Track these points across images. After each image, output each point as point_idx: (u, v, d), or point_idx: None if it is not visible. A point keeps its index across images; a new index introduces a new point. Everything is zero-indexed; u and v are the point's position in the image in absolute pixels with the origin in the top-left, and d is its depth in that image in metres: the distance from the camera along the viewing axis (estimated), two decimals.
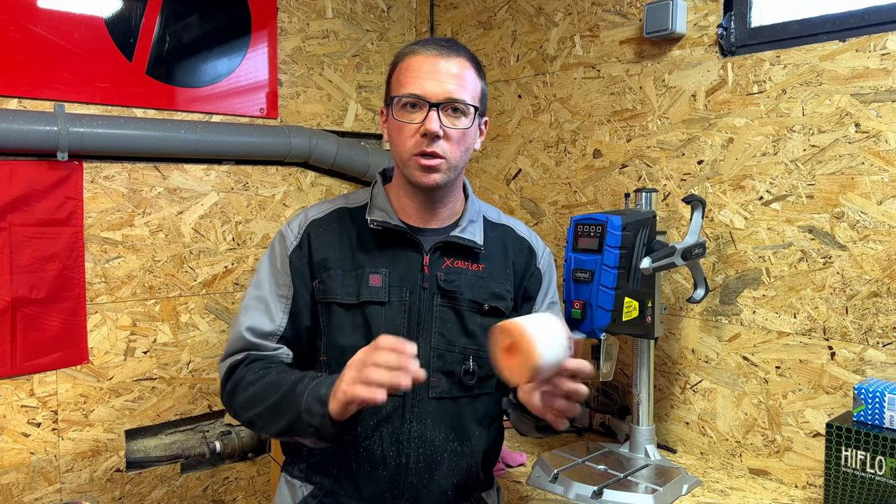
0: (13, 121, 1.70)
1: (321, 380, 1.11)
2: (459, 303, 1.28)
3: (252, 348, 1.26)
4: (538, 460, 1.67)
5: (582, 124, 2.04)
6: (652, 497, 1.47)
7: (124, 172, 1.95)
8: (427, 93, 1.19)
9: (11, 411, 1.80)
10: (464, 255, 1.30)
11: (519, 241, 1.39)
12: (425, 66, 1.21)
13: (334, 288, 1.26)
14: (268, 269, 1.30)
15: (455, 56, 1.23)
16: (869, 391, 1.35)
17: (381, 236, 1.28)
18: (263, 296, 1.28)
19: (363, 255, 1.27)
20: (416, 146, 1.20)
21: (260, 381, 1.19)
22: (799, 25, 1.58)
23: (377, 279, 1.25)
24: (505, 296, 1.33)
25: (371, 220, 1.27)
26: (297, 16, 2.28)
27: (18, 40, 1.77)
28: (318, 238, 1.29)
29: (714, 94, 1.72)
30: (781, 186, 1.61)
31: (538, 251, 1.41)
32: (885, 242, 1.45)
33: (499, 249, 1.35)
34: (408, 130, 1.21)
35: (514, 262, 1.37)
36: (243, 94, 2.17)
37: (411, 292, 1.26)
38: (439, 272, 1.27)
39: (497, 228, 1.38)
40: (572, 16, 2.06)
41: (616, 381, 1.90)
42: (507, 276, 1.34)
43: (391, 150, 1.27)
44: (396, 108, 1.22)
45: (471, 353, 1.28)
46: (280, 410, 1.13)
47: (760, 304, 1.65)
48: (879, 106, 1.45)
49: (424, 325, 1.26)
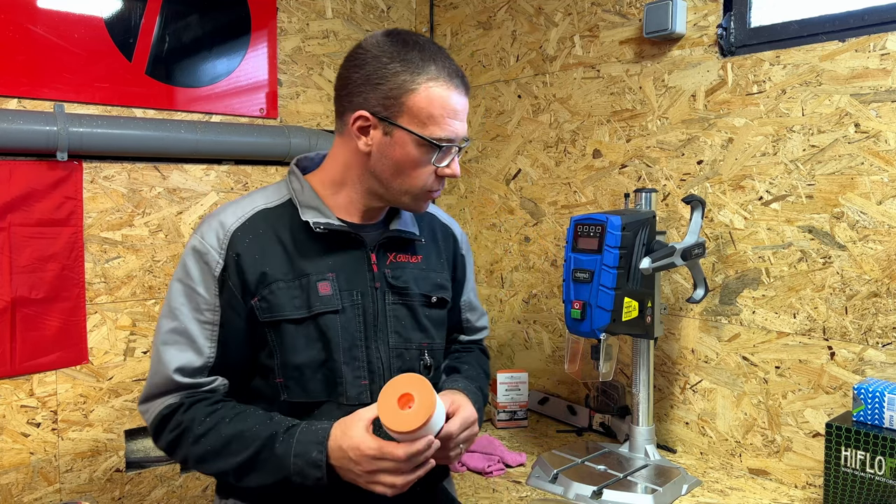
0: (13, 121, 1.70)
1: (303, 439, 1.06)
2: (410, 298, 1.25)
3: (184, 389, 1.14)
4: (538, 460, 1.67)
5: (582, 124, 2.04)
6: (651, 497, 1.47)
7: (124, 172, 1.95)
8: (459, 137, 1.16)
9: (11, 411, 1.79)
10: (404, 249, 1.27)
11: (444, 229, 1.38)
12: (459, 106, 1.15)
13: (280, 304, 1.15)
14: (183, 294, 1.16)
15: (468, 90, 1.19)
16: (869, 391, 1.35)
17: (320, 238, 1.18)
18: (183, 327, 1.15)
19: (304, 262, 1.17)
20: (433, 184, 1.18)
21: (214, 432, 1.10)
22: (799, 25, 1.58)
23: (326, 287, 1.16)
24: (446, 285, 1.32)
25: (314, 223, 1.17)
26: (296, 16, 2.28)
27: (18, 40, 1.77)
28: (248, 250, 1.15)
29: (714, 95, 1.72)
30: (781, 186, 1.61)
31: (459, 237, 1.41)
32: (885, 242, 1.45)
33: (430, 238, 1.33)
34: (426, 168, 1.16)
35: (444, 250, 1.35)
36: (243, 94, 2.17)
37: (363, 294, 1.20)
38: (386, 269, 1.23)
39: (424, 217, 1.34)
40: (572, 16, 2.06)
41: (616, 381, 1.90)
42: (442, 265, 1.33)
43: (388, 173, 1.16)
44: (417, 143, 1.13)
45: (425, 348, 1.27)
46: (258, 468, 1.08)
47: (760, 304, 1.65)
48: (879, 106, 1.45)
49: (380, 327, 1.22)
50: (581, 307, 1.51)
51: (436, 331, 1.29)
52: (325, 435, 1.06)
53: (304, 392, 1.17)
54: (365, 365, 1.19)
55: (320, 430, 1.07)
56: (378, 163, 1.16)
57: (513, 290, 2.27)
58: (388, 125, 1.14)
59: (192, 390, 1.15)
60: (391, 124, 1.13)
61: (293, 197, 1.21)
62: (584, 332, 1.53)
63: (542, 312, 2.18)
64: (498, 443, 1.78)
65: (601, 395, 1.94)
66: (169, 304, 1.17)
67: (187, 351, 1.14)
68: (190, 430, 1.11)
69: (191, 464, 1.14)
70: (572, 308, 1.52)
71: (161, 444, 1.16)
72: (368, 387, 1.18)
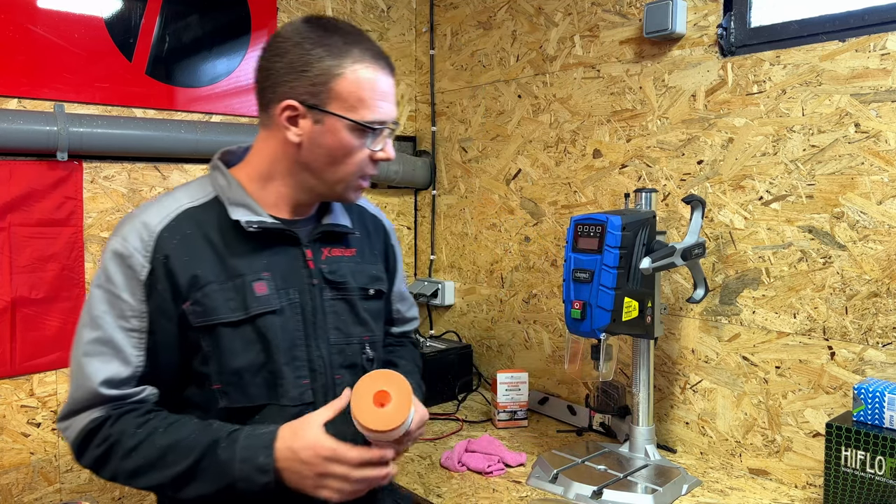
0: (13, 121, 1.70)
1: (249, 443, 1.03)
2: (349, 292, 1.23)
3: (111, 401, 1.08)
4: (538, 460, 1.67)
5: (582, 124, 2.04)
6: (651, 497, 1.47)
7: (124, 172, 1.95)
8: (391, 119, 1.15)
9: (11, 411, 1.79)
10: (337, 243, 1.24)
11: (375, 220, 1.36)
12: (384, 85, 1.13)
13: (215, 307, 1.09)
14: (106, 301, 1.08)
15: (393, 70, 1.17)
16: (869, 391, 1.35)
17: (252, 237, 1.13)
18: (107, 336, 1.07)
19: (237, 262, 1.12)
20: (366, 171, 1.16)
21: (147, 443, 1.04)
22: (799, 25, 1.58)
23: (263, 287, 1.12)
24: (381, 276, 1.31)
25: (246, 222, 1.12)
26: (296, 16, 2.28)
27: (18, 40, 1.77)
28: (177, 252, 1.09)
29: (714, 94, 1.72)
30: (781, 186, 1.61)
31: (389, 228, 1.40)
32: (885, 242, 1.45)
33: (362, 231, 1.31)
34: (363, 154, 1.14)
35: (377, 242, 1.34)
36: (243, 93, 2.17)
37: (300, 292, 1.16)
38: (322, 264, 1.20)
39: (353, 209, 1.32)
40: (572, 16, 2.06)
41: (616, 381, 1.90)
42: (376, 257, 1.32)
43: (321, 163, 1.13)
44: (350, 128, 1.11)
45: (367, 341, 1.25)
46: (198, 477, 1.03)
47: (760, 304, 1.65)
48: (879, 106, 1.45)
49: (319, 324, 1.18)
50: (581, 307, 1.51)
51: (375, 323, 1.28)
52: (271, 438, 1.03)
53: (245, 396, 1.12)
54: (306, 364, 1.16)
55: (266, 434, 1.04)
56: (310, 153, 1.13)
57: (513, 290, 2.27)
58: (317, 113, 1.10)
59: (119, 402, 1.08)
60: (321, 111, 1.10)
61: (219, 194, 1.15)
62: (584, 332, 1.53)
63: (542, 312, 2.18)
64: (498, 443, 1.79)
65: (601, 395, 1.94)
66: (90, 313, 1.09)
67: (113, 361, 1.07)
68: (120, 443, 1.05)
69: (121, 479, 1.07)
70: (572, 308, 1.52)
71: (86, 461, 1.09)
72: (310, 385, 1.16)
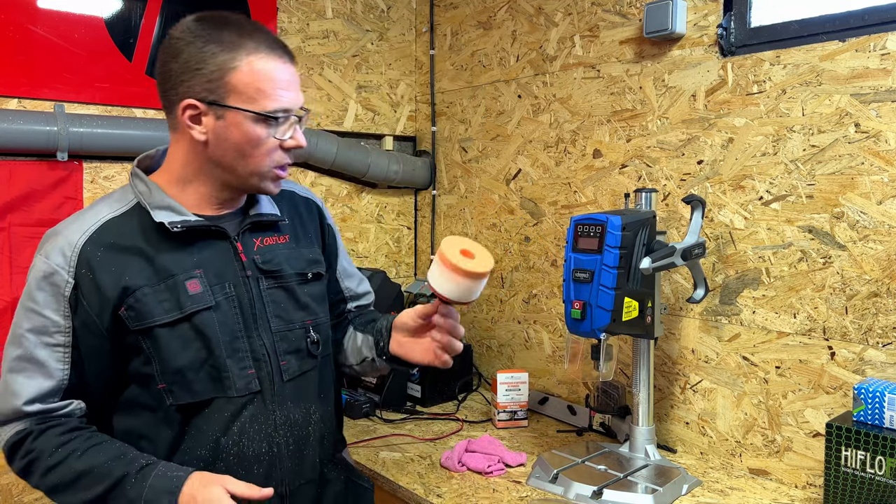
0: (13, 121, 1.70)
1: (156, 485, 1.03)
2: (286, 279, 1.24)
3: (34, 415, 1.10)
4: (538, 460, 1.67)
5: (582, 124, 2.04)
6: (652, 497, 1.47)
7: (124, 172, 1.95)
8: (292, 105, 1.14)
9: None
10: (269, 231, 1.25)
11: (307, 202, 1.37)
12: (282, 74, 1.13)
13: (148, 310, 1.10)
14: (28, 319, 1.10)
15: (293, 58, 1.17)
16: (869, 391, 1.35)
17: (179, 237, 1.14)
18: (29, 353, 1.09)
19: (168, 263, 1.13)
20: (279, 160, 1.16)
21: (65, 465, 1.07)
22: (799, 25, 1.58)
23: (195, 284, 1.13)
24: (319, 259, 1.32)
25: (170, 223, 1.12)
26: (296, 16, 2.28)
27: (18, 40, 1.77)
28: (102, 264, 1.10)
29: (714, 94, 1.72)
30: (781, 186, 1.61)
31: (322, 208, 1.40)
32: (885, 242, 1.45)
33: (293, 215, 1.32)
34: (271, 144, 1.13)
35: (310, 224, 1.35)
36: None
37: (235, 285, 1.17)
38: (255, 255, 1.21)
39: (283, 195, 1.32)
40: (572, 16, 2.06)
41: (616, 381, 1.90)
42: (310, 240, 1.33)
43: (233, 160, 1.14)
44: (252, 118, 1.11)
45: (309, 325, 1.26)
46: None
47: (760, 304, 1.65)
48: (879, 106, 1.45)
49: (259, 314, 1.20)
50: (581, 307, 1.51)
51: (318, 305, 1.29)
52: (178, 484, 1.03)
53: (190, 393, 1.13)
54: (248, 355, 1.17)
55: (175, 479, 1.04)
56: (218, 150, 1.13)
57: (513, 290, 2.27)
58: (217, 108, 1.10)
59: (42, 415, 1.10)
60: (221, 107, 1.10)
61: (141, 200, 1.15)
62: (584, 332, 1.53)
63: (542, 312, 2.18)
64: (498, 443, 1.79)
65: (601, 395, 1.94)
66: (14, 331, 1.11)
67: (36, 377, 1.09)
68: (39, 459, 1.08)
69: (44, 492, 1.10)
70: (572, 308, 1.52)
71: (14, 469, 1.12)
72: (255, 375, 1.17)
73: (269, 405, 1.18)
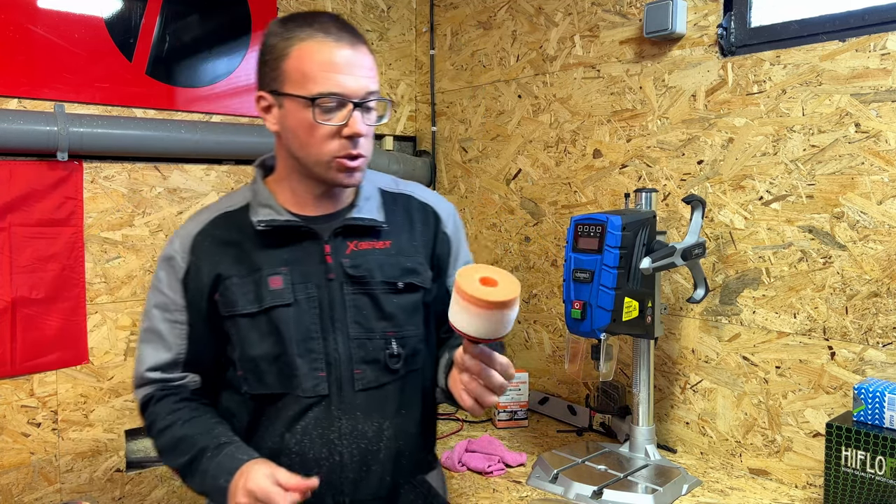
0: (13, 121, 1.70)
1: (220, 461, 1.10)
2: (371, 286, 1.20)
3: (156, 383, 1.23)
4: (538, 460, 1.67)
5: (582, 124, 2.04)
6: (652, 497, 1.47)
7: (124, 172, 1.95)
8: (349, 91, 1.10)
9: (11, 411, 1.80)
10: (368, 235, 1.22)
11: (423, 208, 1.31)
12: (340, 59, 1.11)
13: (235, 299, 1.18)
14: (155, 296, 1.23)
15: (362, 44, 1.15)
16: (869, 391, 1.35)
17: (272, 235, 1.19)
18: (154, 326, 1.22)
19: (258, 258, 1.18)
20: (340, 149, 1.13)
21: (170, 431, 1.18)
22: (799, 25, 1.58)
23: (278, 280, 1.17)
24: (418, 269, 1.25)
25: (257, 221, 1.18)
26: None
27: (18, 40, 1.77)
28: (206, 252, 1.20)
29: (714, 94, 1.72)
30: (781, 186, 1.61)
31: (443, 214, 1.32)
32: (885, 242, 1.45)
33: (403, 220, 1.27)
34: (326, 131, 1.11)
35: (422, 232, 1.28)
36: (243, 93, 2.17)
37: (318, 286, 1.18)
38: (344, 259, 1.19)
39: (398, 199, 1.29)
40: (572, 16, 2.06)
41: (616, 381, 1.90)
42: (416, 248, 1.26)
43: (296, 149, 1.16)
44: (302, 105, 1.11)
45: (392, 336, 1.21)
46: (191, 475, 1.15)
47: (760, 304, 1.65)
48: (879, 106, 1.45)
49: (338, 318, 1.18)
50: (581, 307, 1.51)
51: (406, 318, 1.23)
52: (238, 466, 1.08)
53: (262, 385, 1.18)
54: (322, 357, 1.17)
55: (238, 461, 1.09)
56: (286, 139, 1.17)
57: None
58: (277, 97, 1.14)
59: (163, 384, 1.23)
60: (278, 94, 1.13)
61: (251, 199, 1.23)
62: (584, 332, 1.53)
63: (542, 312, 2.18)
64: (498, 443, 1.79)
65: (601, 395, 1.94)
66: (145, 306, 1.25)
67: (158, 349, 1.22)
68: (155, 423, 1.20)
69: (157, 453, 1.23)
70: (572, 308, 1.52)
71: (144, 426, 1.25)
72: (326, 378, 1.17)
73: (335, 412, 1.18)
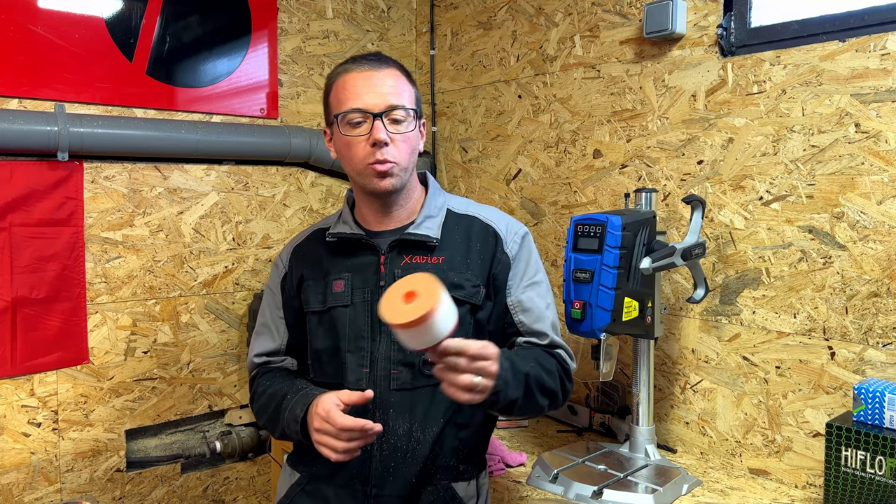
0: (13, 121, 1.71)
1: (298, 398, 1.27)
2: None
3: (262, 365, 1.46)
4: (538, 460, 1.67)
5: (582, 124, 2.04)
6: (652, 497, 1.47)
7: (124, 172, 1.95)
8: (368, 105, 1.27)
9: (12, 411, 1.80)
10: (422, 250, 1.36)
11: (484, 229, 1.40)
12: (360, 80, 1.29)
13: (309, 299, 1.40)
14: (267, 296, 1.49)
15: (386, 67, 1.32)
16: (869, 391, 1.35)
17: (343, 247, 1.39)
18: (266, 321, 1.47)
19: (330, 266, 1.39)
20: (368, 156, 1.28)
21: (264, 393, 1.38)
22: (799, 26, 1.58)
23: (340, 284, 1.36)
24: (465, 285, 1.33)
25: (329, 233, 1.39)
26: (297, 16, 2.28)
27: (18, 40, 1.77)
28: (299, 260, 1.45)
29: (714, 95, 1.72)
30: (781, 186, 1.61)
31: (504, 236, 1.40)
32: (885, 242, 1.45)
33: (461, 239, 1.38)
34: (357, 144, 1.29)
35: (480, 251, 1.37)
36: (243, 94, 2.17)
37: (372, 292, 1.34)
38: (397, 269, 1.33)
39: (462, 220, 1.41)
40: (572, 16, 2.06)
41: (616, 381, 1.90)
42: (468, 266, 1.35)
43: (345, 166, 1.35)
44: (342, 125, 1.29)
45: None
46: (273, 420, 1.32)
47: (760, 304, 1.65)
48: (879, 106, 1.45)
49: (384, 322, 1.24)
50: (581, 307, 1.51)
51: None
52: (311, 399, 1.23)
53: (323, 374, 1.38)
54: (368, 355, 1.32)
55: (312, 396, 1.24)
56: (341, 161, 1.36)
57: None
58: (329, 126, 1.37)
59: (266, 365, 1.46)
60: (329, 124, 1.36)
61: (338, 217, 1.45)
62: (584, 332, 1.53)
63: None
64: (498, 443, 1.79)
65: (601, 395, 1.94)
66: (262, 302, 1.49)
67: (266, 339, 1.46)
68: (256, 393, 1.42)
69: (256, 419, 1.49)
70: (572, 308, 1.52)
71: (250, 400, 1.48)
72: (369, 374, 1.32)
73: (371, 406, 1.28)
